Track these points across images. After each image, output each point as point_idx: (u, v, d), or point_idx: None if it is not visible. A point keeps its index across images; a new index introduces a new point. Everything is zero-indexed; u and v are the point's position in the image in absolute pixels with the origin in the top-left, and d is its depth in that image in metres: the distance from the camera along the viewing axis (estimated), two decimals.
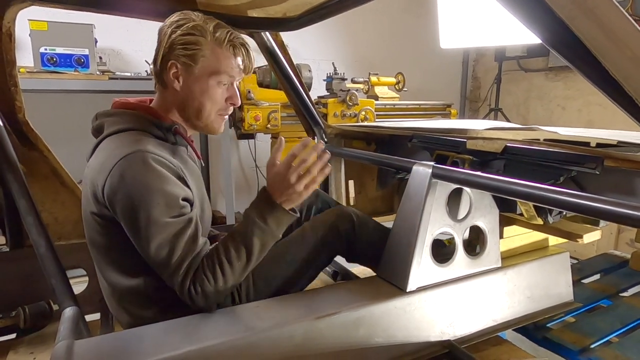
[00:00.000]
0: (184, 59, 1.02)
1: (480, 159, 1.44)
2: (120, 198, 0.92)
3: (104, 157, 0.96)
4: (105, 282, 1.08)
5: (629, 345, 1.33)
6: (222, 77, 1.05)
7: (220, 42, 1.02)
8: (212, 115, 1.09)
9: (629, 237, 2.70)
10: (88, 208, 1.01)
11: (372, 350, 1.10)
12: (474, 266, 1.27)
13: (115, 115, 1.06)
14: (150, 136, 1.02)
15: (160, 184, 0.93)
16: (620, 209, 0.78)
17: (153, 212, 0.92)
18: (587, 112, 4.10)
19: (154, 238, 0.92)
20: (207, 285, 0.96)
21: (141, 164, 0.92)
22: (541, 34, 0.59)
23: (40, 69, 2.66)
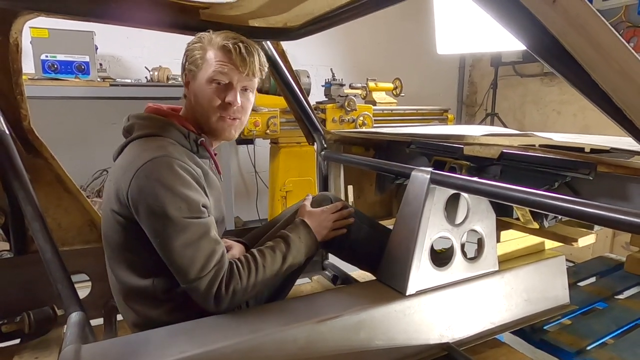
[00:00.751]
0: (190, 66, 1.12)
1: (477, 164, 1.46)
2: (144, 199, 0.95)
3: (131, 158, 1.00)
4: (115, 279, 1.10)
5: (624, 347, 1.36)
6: (218, 77, 1.08)
7: (216, 45, 1.08)
8: (212, 116, 1.12)
9: (624, 241, 2.73)
10: (109, 205, 1.05)
11: (372, 353, 1.12)
12: (472, 270, 1.29)
13: (147, 120, 1.11)
14: (177, 144, 1.07)
15: (183, 187, 0.97)
16: (612, 214, 0.80)
17: (177, 213, 0.95)
18: (583, 116, 4.15)
19: (178, 238, 0.96)
20: (238, 286, 1.02)
21: (166, 168, 0.97)
22: (533, 47, 0.61)
23: (41, 76, 2.68)
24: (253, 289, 1.06)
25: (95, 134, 3.36)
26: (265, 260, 1.10)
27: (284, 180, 3.20)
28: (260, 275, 1.07)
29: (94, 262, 1.54)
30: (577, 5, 0.56)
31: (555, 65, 0.61)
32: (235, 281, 1.02)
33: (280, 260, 1.13)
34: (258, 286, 1.07)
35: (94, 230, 1.58)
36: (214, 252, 1.00)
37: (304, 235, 1.21)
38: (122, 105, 3.27)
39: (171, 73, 3.20)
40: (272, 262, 1.11)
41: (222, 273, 1.01)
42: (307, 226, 1.24)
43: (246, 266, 1.06)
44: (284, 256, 1.14)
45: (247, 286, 1.04)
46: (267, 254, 1.12)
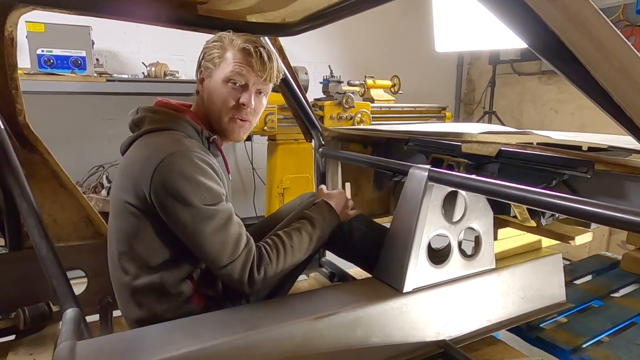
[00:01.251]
0: (206, 63, 1.12)
1: (475, 162, 1.46)
2: (169, 193, 0.96)
3: (149, 153, 1.00)
4: (122, 274, 1.09)
5: (619, 345, 1.36)
6: (234, 77, 1.10)
7: (236, 46, 1.10)
8: (224, 116, 1.13)
9: (621, 239, 2.74)
10: (123, 197, 1.04)
11: (369, 350, 1.12)
12: (469, 267, 1.29)
13: (160, 113, 1.11)
14: (191, 138, 1.08)
15: (205, 178, 1.00)
16: (610, 212, 0.80)
17: (203, 202, 0.98)
18: (580, 115, 4.16)
19: (207, 225, 0.99)
20: (269, 267, 1.07)
21: (187, 160, 0.98)
22: (533, 44, 0.61)
23: (37, 71, 2.66)
24: (282, 270, 1.11)
25: (92, 129, 3.34)
26: (292, 241, 1.14)
27: (282, 177, 3.20)
28: (289, 256, 1.12)
29: (89, 258, 1.53)
30: (578, 2, 0.55)
31: (555, 62, 0.60)
32: (265, 262, 1.07)
33: (307, 241, 1.17)
34: (288, 266, 1.12)
35: (90, 226, 1.57)
36: (241, 235, 1.04)
37: (327, 214, 1.26)
38: (119, 100, 3.25)
39: (168, 69, 3.19)
40: (300, 243, 1.15)
41: (252, 255, 1.05)
42: (330, 206, 1.28)
43: (274, 248, 1.11)
44: (310, 236, 1.18)
45: (276, 267, 1.09)
46: (294, 235, 1.16)
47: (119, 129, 3.88)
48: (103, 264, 1.53)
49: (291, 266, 1.14)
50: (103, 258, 1.52)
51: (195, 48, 1.16)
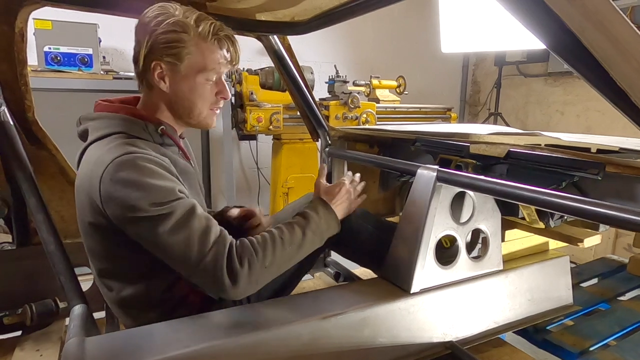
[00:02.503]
0: (168, 59, 0.98)
1: (483, 163, 1.46)
2: (118, 204, 0.90)
3: (93, 165, 0.94)
4: (105, 289, 1.07)
5: (627, 348, 1.35)
6: (209, 74, 1.02)
7: (205, 37, 0.98)
8: (204, 112, 1.07)
9: (627, 242, 2.73)
10: (85, 218, 0.99)
11: (376, 350, 1.11)
12: (476, 269, 1.29)
13: (99, 119, 1.03)
14: (136, 138, 1.00)
15: (151, 179, 0.91)
16: (622, 213, 0.80)
17: (152, 205, 0.89)
18: (586, 117, 4.14)
19: (164, 226, 0.89)
20: (253, 258, 0.94)
21: (131, 165, 0.90)
22: (550, 43, 0.61)
23: (44, 68, 2.67)
24: (273, 264, 0.98)
25: None
26: (282, 233, 1.03)
27: (286, 176, 3.20)
28: (279, 248, 0.99)
29: None
30: (596, 1, 0.55)
31: (573, 62, 0.60)
32: (248, 253, 0.94)
33: (299, 234, 1.05)
34: (278, 261, 0.99)
35: None
36: (208, 227, 0.93)
37: (322, 210, 1.15)
38: None
39: None
40: (291, 235, 1.04)
41: (227, 246, 0.93)
42: (324, 203, 1.17)
43: (261, 239, 0.99)
44: (302, 230, 1.07)
45: (264, 259, 0.96)
46: (284, 228, 1.05)
47: None
48: None
49: (284, 261, 1.02)
50: None
51: None
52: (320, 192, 1.22)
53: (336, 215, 1.17)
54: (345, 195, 1.21)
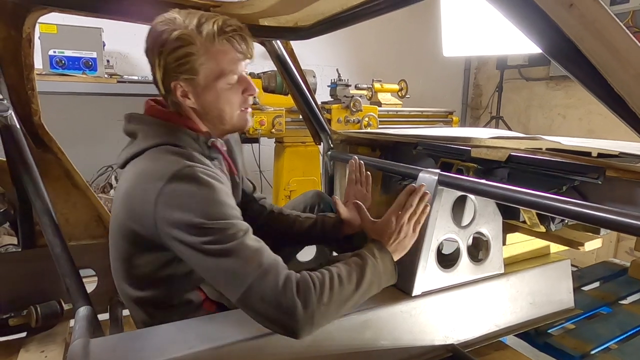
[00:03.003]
0: (184, 76, 0.96)
1: (485, 167, 1.47)
2: (172, 219, 0.87)
3: (147, 174, 0.92)
4: (125, 285, 1.07)
5: (628, 352, 1.35)
6: (228, 77, 0.98)
7: (212, 40, 0.94)
8: (234, 115, 1.05)
9: (629, 246, 2.73)
10: (128, 223, 0.96)
11: (378, 353, 1.12)
12: (478, 272, 1.29)
13: (152, 125, 1.02)
14: (190, 150, 1.00)
15: (214, 195, 0.89)
16: (622, 218, 0.80)
17: (216, 224, 0.86)
18: (588, 121, 4.15)
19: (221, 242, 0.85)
20: (311, 294, 0.85)
21: (192, 180, 0.89)
22: (550, 51, 0.62)
23: (48, 71, 2.70)
24: (331, 303, 0.87)
25: (102, 130, 3.37)
26: (340, 270, 0.93)
27: (288, 179, 3.21)
28: (336, 287, 0.89)
29: (100, 257, 1.54)
30: (594, 10, 0.56)
31: (571, 68, 0.61)
32: (305, 284, 0.85)
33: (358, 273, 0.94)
34: (336, 299, 0.88)
35: (101, 225, 1.59)
36: (262, 248, 0.88)
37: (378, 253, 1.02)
38: (129, 101, 3.28)
39: None
40: (349, 275, 0.93)
41: (282, 268, 0.87)
42: (379, 245, 1.04)
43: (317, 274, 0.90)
44: (362, 269, 0.96)
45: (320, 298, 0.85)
46: (342, 266, 0.95)
47: None
48: None
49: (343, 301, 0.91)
50: None
51: None
52: (372, 234, 1.09)
53: (392, 258, 1.04)
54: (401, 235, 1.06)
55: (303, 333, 0.85)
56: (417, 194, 1.08)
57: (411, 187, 1.09)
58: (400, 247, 1.07)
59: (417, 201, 1.08)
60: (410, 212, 1.07)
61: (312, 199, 1.56)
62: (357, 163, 1.36)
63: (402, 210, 1.07)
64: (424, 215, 1.09)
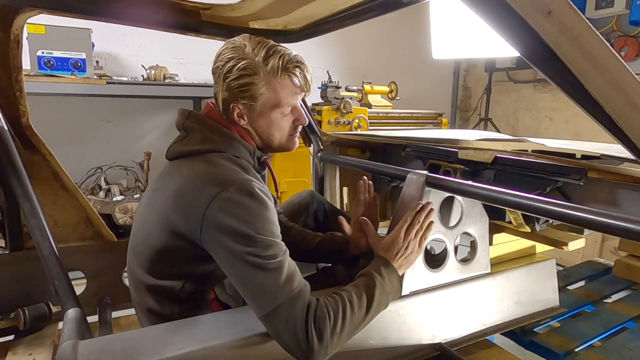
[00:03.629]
0: (244, 101, 1.04)
1: (472, 168, 1.49)
2: (221, 227, 0.91)
3: (205, 177, 0.96)
4: (141, 271, 1.08)
5: (611, 349, 1.38)
6: (283, 109, 1.06)
7: (275, 74, 1.02)
8: (283, 140, 1.12)
9: (613, 246, 2.78)
10: (172, 219, 0.99)
11: (366, 352, 1.13)
12: (465, 272, 1.31)
13: (212, 129, 1.06)
14: (246, 162, 1.06)
15: (266, 212, 0.94)
16: (602, 218, 0.83)
17: (260, 233, 0.91)
18: (574, 123, 4.21)
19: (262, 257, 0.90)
20: (326, 325, 0.90)
21: (249, 193, 0.93)
22: (528, 56, 0.64)
23: (37, 72, 2.67)
24: (343, 331, 0.93)
25: (91, 131, 3.35)
26: (352, 297, 0.97)
27: (279, 180, 3.22)
28: (348, 314, 0.94)
29: (89, 259, 1.55)
30: (572, 18, 0.58)
31: (549, 73, 0.63)
32: (321, 316, 0.90)
33: (368, 298, 0.99)
34: (346, 330, 0.94)
35: (89, 227, 1.58)
36: (296, 271, 0.94)
37: (385, 271, 1.06)
38: (118, 103, 3.27)
39: (168, 72, 3.21)
40: (359, 300, 0.97)
41: (308, 294, 0.93)
42: (385, 262, 1.08)
43: (333, 302, 0.94)
44: (371, 293, 1.00)
45: (334, 328, 0.91)
46: (353, 292, 0.98)
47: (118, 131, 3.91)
48: (102, 265, 1.55)
49: (353, 328, 0.97)
50: (102, 259, 1.55)
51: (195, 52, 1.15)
52: (379, 250, 1.13)
53: (398, 274, 1.08)
54: (407, 250, 1.10)
55: (312, 355, 0.90)
56: (424, 211, 1.12)
57: (419, 204, 1.14)
58: (406, 263, 1.11)
59: (423, 216, 1.12)
60: (417, 229, 1.11)
61: (306, 199, 1.58)
62: (367, 184, 1.35)
63: (409, 226, 1.11)
64: (429, 232, 1.13)
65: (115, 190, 2.79)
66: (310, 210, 1.55)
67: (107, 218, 2.62)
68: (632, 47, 3.62)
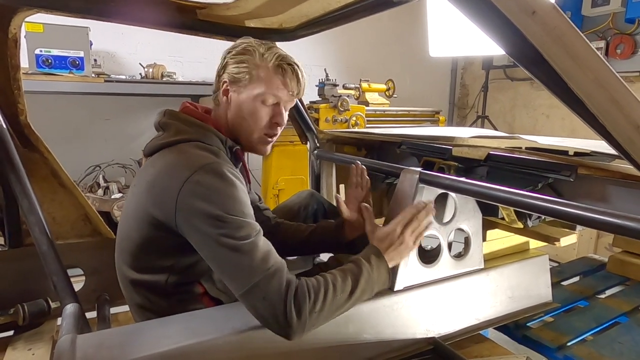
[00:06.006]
0: (234, 77, 1.09)
1: (465, 165, 1.51)
2: (197, 205, 0.92)
3: (178, 164, 0.98)
4: (126, 267, 1.10)
5: (603, 343, 1.40)
6: (267, 97, 1.09)
7: (267, 63, 1.07)
8: (255, 134, 1.13)
9: (607, 242, 2.80)
10: (147, 207, 1.01)
11: (361, 347, 1.15)
12: (458, 267, 1.33)
13: (187, 123, 1.10)
14: (217, 149, 1.08)
15: (235, 190, 0.96)
16: (590, 214, 0.84)
17: (232, 214, 0.93)
18: (570, 120, 4.23)
19: (235, 236, 0.92)
20: (306, 302, 0.92)
21: (218, 175, 0.95)
22: (513, 54, 0.65)
23: (35, 71, 2.68)
24: (319, 313, 0.94)
25: (89, 129, 3.36)
26: (335, 279, 0.98)
27: (277, 178, 3.24)
28: (330, 295, 0.95)
29: (87, 256, 1.56)
30: (555, 18, 0.60)
31: (534, 71, 0.65)
32: (301, 293, 0.92)
33: (352, 283, 1.00)
34: (326, 311, 0.95)
35: (88, 224, 1.60)
36: (271, 250, 0.96)
37: (375, 260, 1.07)
38: (116, 101, 3.28)
39: (165, 70, 3.22)
40: (343, 283, 0.99)
41: (286, 272, 0.94)
42: (377, 251, 1.09)
43: (316, 283, 0.96)
44: (356, 279, 1.01)
45: (313, 307, 0.92)
46: (338, 275, 1.00)
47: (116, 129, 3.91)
48: (101, 261, 1.57)
49: (334, 309, 0.98)
50: (101, 256, 1.57)
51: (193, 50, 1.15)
52: (374, 239, 1.14)
53: (388, 266, 1.10)
54: (402, 245, 1.11)
55: (294, 337, 0.94)
56: (425, 210, 1.14)
57: (421, 202, 1.16)
58: (397, 256, 1.12)
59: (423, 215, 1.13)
60: (415, 226, 1.12)
61: (306, 199, 1.59)
62: (359, 168, 1.38)
63: (408, 222, 1.12)
64: (426, 231, 1.16)
65: (113, 188, 2.81)
66: (309, 210, 1.57)
67: (105, 215, 2.64)
68: (627, 44, 3.63)
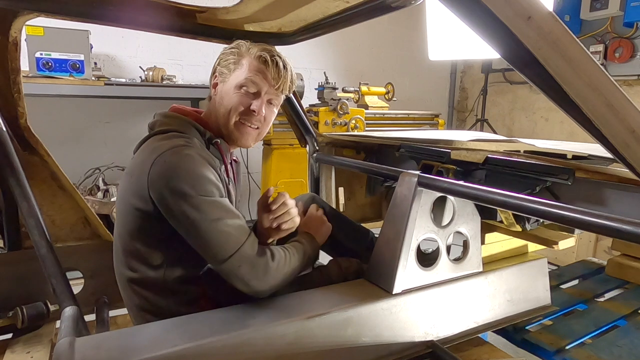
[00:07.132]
0: (221, 69, 1.17)
1: (464, 168, 1.51)
2: (166, 184, 0.97)
3: (150, 151, 1.04)
4: (124, 268, 1.11)
5: (601, 347, 1.40)
6: (247, 84, 1.13)
7: (252, 54, 1.14)
8: (231, 118, 1.15)
9: (607, 245, 2.80)
10: (128, 198, 1.06)
11: (359, 350, 1.15)
12: (457, 270, 1.33)
13: (169, 118, 1.16)
14: (194, 139, 1.12)
15: (203, 169, 1.01)
16: (587, 217, 0.84)
17: (201, 191, 0.98)
18: (569, 123, 4.24)
19: (208, 213, 0.98)
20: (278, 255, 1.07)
21: (184, 155, 1.00)
22: (509, 58, 0.66)
23: (35, 74, 2.69)
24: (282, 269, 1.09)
25: (89, 132, 3.37)
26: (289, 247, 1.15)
27: (276, 181, 3.24)
28: (288, 261, 1.11)
29: (87, 259, 1.56)
30: (550, 23, 0.60)
31: (530, 75, 0.65)
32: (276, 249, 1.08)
33: (301, 252, 1.17)
34: (284, 270, 1.10)
35: (87, 227, 1.60)
36: (243, 224, 1.04)
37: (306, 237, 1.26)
38: (116, 104, 3.29)
39: (165, 73, 3.22)
40: (296, 252, 1.16)
41: (254, 242, 1.04)
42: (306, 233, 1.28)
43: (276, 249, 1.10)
44: (303, 249, 1.19)
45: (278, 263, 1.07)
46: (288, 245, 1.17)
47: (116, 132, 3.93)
48: (100, 264, 1.57)
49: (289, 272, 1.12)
50: (100, 259, 1.57)
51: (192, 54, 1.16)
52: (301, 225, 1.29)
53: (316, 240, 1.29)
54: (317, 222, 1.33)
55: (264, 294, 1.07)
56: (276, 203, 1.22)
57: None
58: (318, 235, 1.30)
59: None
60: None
61: (307, 202, 1.59)
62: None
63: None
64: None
65: (113, 191, 2.81)
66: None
67: (105, 218, 2.64)
68: (626, 48, 3.65)
